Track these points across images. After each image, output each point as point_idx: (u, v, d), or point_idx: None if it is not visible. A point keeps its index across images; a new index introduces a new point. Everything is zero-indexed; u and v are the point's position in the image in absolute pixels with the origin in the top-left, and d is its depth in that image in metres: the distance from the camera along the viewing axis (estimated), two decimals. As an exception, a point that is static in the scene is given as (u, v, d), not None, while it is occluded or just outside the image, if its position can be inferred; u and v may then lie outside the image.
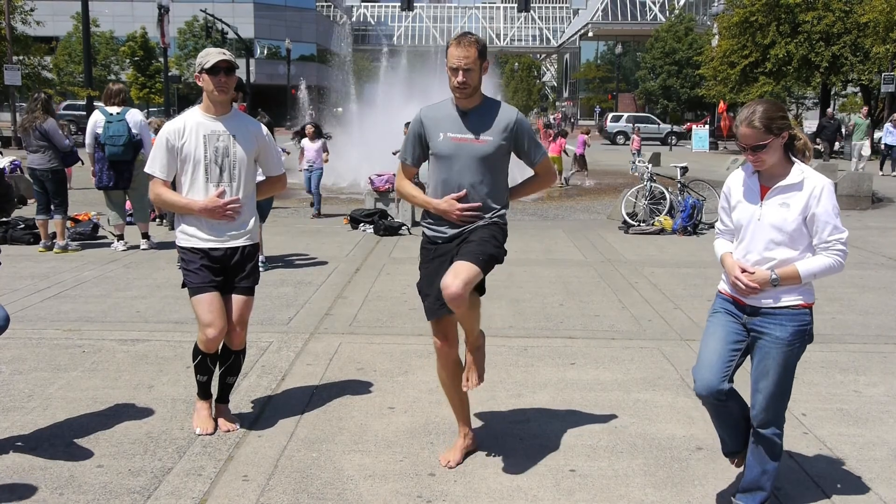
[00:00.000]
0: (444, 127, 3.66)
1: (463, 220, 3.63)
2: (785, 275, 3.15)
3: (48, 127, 9.09)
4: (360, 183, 16.51)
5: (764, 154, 3.13)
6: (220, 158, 4.03)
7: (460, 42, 3.56)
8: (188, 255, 4.08)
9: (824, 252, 3.15)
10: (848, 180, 14.98)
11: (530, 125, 3.87)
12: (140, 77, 51.16)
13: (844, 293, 7.63)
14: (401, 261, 9.20)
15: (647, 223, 12.04)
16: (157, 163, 4.05)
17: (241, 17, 60.79)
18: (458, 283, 3.41)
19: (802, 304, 3.20)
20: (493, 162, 3.66)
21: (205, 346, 4.11)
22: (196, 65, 4.07)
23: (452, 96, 3.68)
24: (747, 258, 3.25)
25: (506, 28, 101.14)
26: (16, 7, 32.75)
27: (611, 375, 5.23)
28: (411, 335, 6.09)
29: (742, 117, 3.17)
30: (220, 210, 4.00)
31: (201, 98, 4.14)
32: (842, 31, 32.88)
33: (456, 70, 3.55)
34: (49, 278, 7.97)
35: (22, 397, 4.70)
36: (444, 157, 3.66)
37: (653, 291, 7.73)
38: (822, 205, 3.11)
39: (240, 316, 4.18)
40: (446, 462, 3.85)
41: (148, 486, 3.60)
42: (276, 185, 4.48)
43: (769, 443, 3.29)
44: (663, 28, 58.58)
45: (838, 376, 5.23)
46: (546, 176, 3.95)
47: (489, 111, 3.68)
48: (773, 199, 3.19)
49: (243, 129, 4.13)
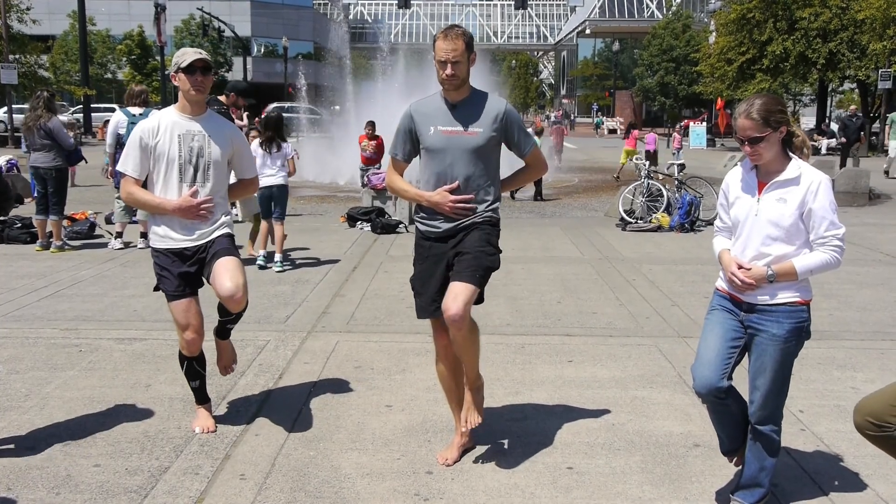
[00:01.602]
0: (435, 120, 3.67)
1: (456, 212, 3.64)
2: (781, 271, 3.15)
3: (52, 125, 9.07)
4: (357, 181, 16.49)
5: (761, 147, 3.13)
6: (195, 158, 4.00)
7: (447, 35, 3.58)
8: (161, 258, 4.07)
9: (821, 248, 3.15)
10: (845, 176, 15.00)
11: (519, 116, 3.86)
12: (137, 76, 51.06)
13: (842, 290, 7.63)
14: (398, 259, 9.19)
15: (644, 220, 12.03)
16: (129, 161, 4.00)
17: (237, 15, 60.67)
18: (458, 306, 3.48)
19: (800, 300, 3.19)
20: (485, 153, 3.67)
21: (187, 350, 4.10)
22: (172, 64, 4.04)
23: (441, 89, 3.69)
24: (745, 254, 3.25)
25: (503, 25, 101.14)
26: (12, 5, 32.67)
27: (608, 373, 5.23)
28: (409, 333, 6.09)
29: (741, 110, 3.18)
30: (193, 209, 3.97)
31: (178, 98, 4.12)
32: (839, 28, 32.90)
33: (444, 63, 3.56)
34: (46, 277, 7.95)
35: (19, 397, 4.69)
36: (435, 150, 3.66)
37: (650, 288, 7.73)
38: (819, 200, 3.11)
39: (233, 278, 3.90)
40: (444, 460, 3.85)
41: (145, 486, 3.60)
42: (249, 188, 4.48)
43: (767, 439, 3.29)
44: (661, 25, 58.57)
45: (836, 373, 5.24)
46: (536, 166, 3.96)
47: (478, 103, 3.69)
48: (770, 194, 3.19)
49: (218, 130, 4.10)
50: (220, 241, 4.07)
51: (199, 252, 4.06)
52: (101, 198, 14.37)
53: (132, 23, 54.62)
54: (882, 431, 2.93)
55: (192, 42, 54.60)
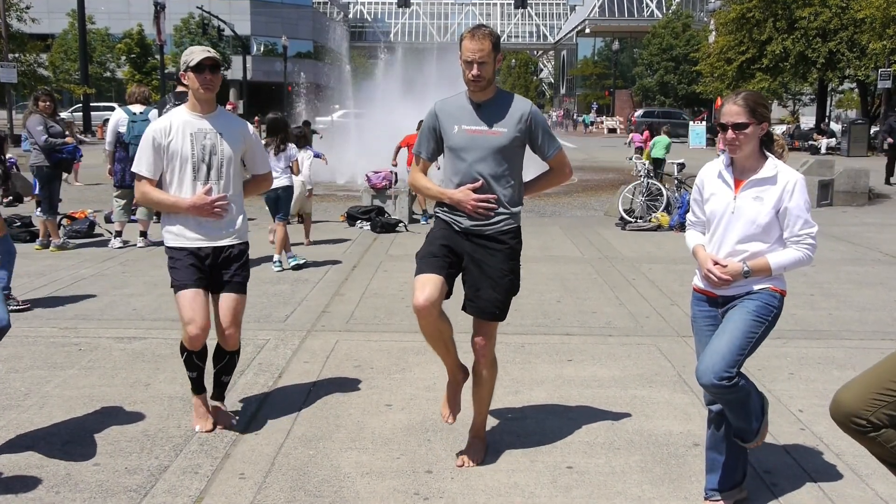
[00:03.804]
0: (459, 119, 3.65)
1: (477, 211, 3.63)
2: (756, 267, 3.22)
3: (28, 124, 9.08)
4: (357, 180, 16.50)
5: (743, 135, 3.17)
6: (208, 156, 4.02)
7: (474, 35, 3.55)
8: (175, 253, 4.07)
9: (794, 245, 3.23)
10: (845, 176, 14.98)
11: (545, 118, 3.86)
12: (136, 74, 51.03)
13: (841, 289, 7.63)
14: (398, 258, 9.19)
15: (644, 220, 12.04)
16: (143, 161, 4.02)
17: (237, 13, 60.64)
18: (488, 347, 3.74)
19: (773, 287, 3.26)
20: (508, 154, 3.65)
21: (189, 344, 4.08)
22: (181, 63, 4.06)
23: (466, 89, 3.66)
24: (720, 250, 3.31)
25: (503, 24, 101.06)
26: (11, 4, 32.64)
27: (608, 372, 5.23)
28: (408, 332, 6.08)
29: (727, 98, 3.28)
30: (207, 207, 3.99)
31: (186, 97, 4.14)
32: (838, 28, 32.90)
33: (471, 63, 3.53)
34: (45, 276, 7.95)
35: (18, 395, 4.69)
36: (458, 149, 3.65)
37: (650, 288, 7.74)
38: (795, 199, 3.19)
39: (233, 316, 4.14)
40: (462, 462, 3.82)
41: (144, 485, 3.60)
42: (263, 184, 4.49)
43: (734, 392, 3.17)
44: (660, 24, 58.56)
45: (835, 372, 5.24)
46: (560, 170, 3.92)
47: (503, 103, 3.67)
48: (748, 192, 3.25)
49: (230, 127, 4.12)
50: (240, 276, 4.17)
51: (214, 255, 4.07)
52: (100, 197, 14.37)
53: (131, 21, 54.60)
54: (860, 427, 2.88)
55: (192, 41, 54.54)
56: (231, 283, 4.14)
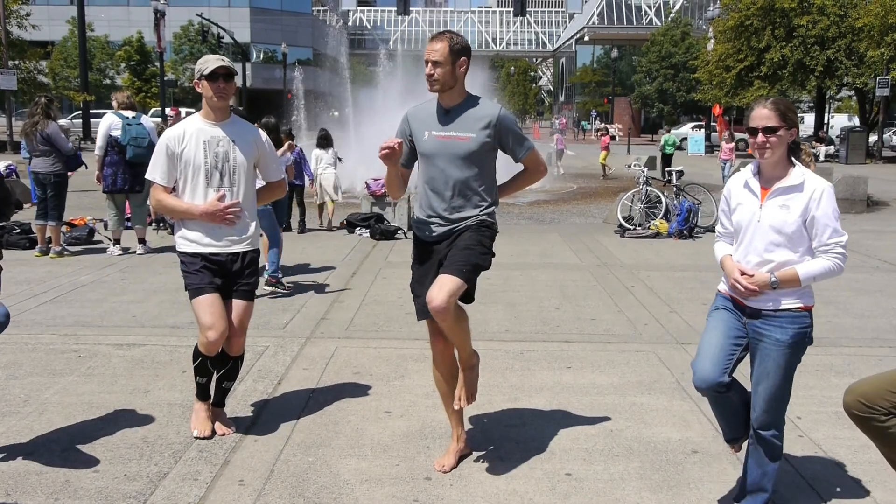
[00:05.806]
0: (429, 125, 3.70)
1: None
2: (784, 277, 3.15)
3: (50, 131, 9.07)
4: (357, 187, 16.51)
5: (773, 139, 3.13)
6: (220, 163, 4.06)
7: (435, 36, 3.66)
8: (188, 258, 4.09)
9: (824, 255, 3.15)
10: (843, 183, 15.02)
11: (515, 121, 3.86)
12: (136, 81, 51.15)
13: (840, 296, 7.65)
14: (397, 265, 9.20)
15: (642, 227, 12.05)
16: (157, 169, 4.08)
17: (237, 21, 60.80)
18: (442, 296, 3.47)
19: (802, 307, 3.21)
20: (478, 159, 3.67)
21: (205, 350, 4.09)
22: (195, 71, 4.11)
23: (437, 95, 3.72)
24: (747, 260, 3.26)
25: (502, 32, 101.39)
26: (11, 11, 32.71)
27: (607, 379, 5.24)
28: (408, 339, 6.10)
29: (757, 102, 3.23)
30: (220, 213, 4.03)
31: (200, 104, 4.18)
32: (836, 36, 33.00)
33: (426, 62, 3.62)
34: (45, 283, 7.96)
35: (18, 402, 4.69)
36: (430, 155, 3.69)
37: (649, 295, 7.75)
38: (823, 208, 3.12)
39: (240, 322, 4.17)
40: (441, 467, 3.85)
41: (144, 491, 3.60)
42: (276, 191, 4.53)
43: (769, 444, 3.30)
44: (659, 32, 58.73)
45: (834, 379, 5.24)
46: (535, 169, 3.93)
47: (471, 108, 3.69)
48: (773, 200, 3.19)
49: (243, 134, 4.17)
50: (250, 284, 4.21)
51: (226, 261, 4.10)
52: (99, 204, 14.32)
53: (131, 29, 54.73)
54: (870, 413, 2.97)
55: (192, 48, 54.75)
56: (240, 291, 4.18)
